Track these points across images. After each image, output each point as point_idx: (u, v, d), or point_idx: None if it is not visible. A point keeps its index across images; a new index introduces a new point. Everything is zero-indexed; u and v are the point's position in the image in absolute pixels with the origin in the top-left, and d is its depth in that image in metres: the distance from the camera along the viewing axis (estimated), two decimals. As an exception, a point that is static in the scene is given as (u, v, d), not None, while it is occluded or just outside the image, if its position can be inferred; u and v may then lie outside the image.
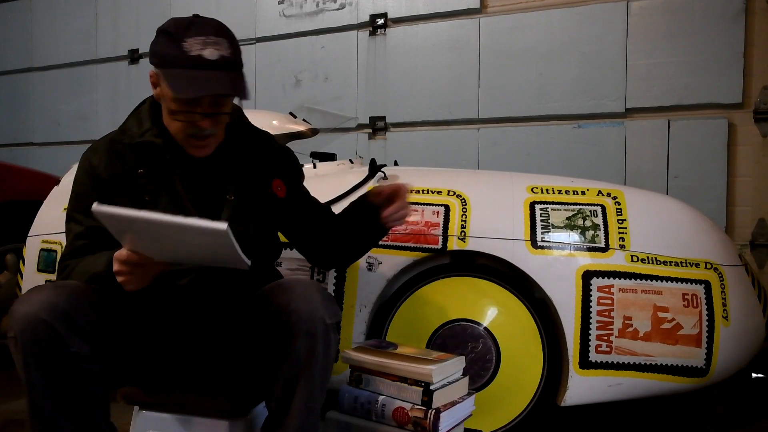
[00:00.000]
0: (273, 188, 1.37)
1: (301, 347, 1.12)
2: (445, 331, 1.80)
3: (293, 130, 2.40)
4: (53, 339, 1.05)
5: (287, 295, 1.15)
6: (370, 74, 3.80)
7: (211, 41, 1.18)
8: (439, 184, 1.89)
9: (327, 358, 1.16)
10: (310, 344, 1.13)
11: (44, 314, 1.05)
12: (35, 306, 1.06)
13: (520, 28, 3.41)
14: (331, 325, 1.16)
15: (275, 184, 1.37)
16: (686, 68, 3.06)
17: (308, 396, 1.15)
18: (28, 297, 1.09)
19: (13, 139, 5.19)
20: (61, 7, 4.91)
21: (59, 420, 1.09)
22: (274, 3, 4.07)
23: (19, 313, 1.06)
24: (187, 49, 1.17)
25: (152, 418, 1.36)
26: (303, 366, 1.13)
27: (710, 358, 1.67)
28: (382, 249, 1.80)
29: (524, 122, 3.43)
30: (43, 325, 1.05)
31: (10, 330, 1.07)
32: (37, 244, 2.21)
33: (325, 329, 1.14)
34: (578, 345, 1.68)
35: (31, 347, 1.05)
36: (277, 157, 1.42)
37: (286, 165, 1.44)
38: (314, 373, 1.14)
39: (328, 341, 1.15)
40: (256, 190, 1.34)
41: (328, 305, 1.16)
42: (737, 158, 3.00)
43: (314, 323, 1.13)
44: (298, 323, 1.12)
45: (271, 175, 1.38)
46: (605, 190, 1.83)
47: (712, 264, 1.73)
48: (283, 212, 1.41)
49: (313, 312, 1.13)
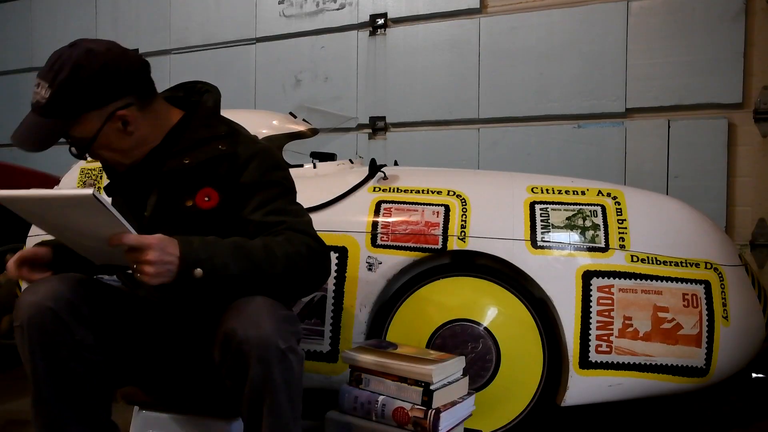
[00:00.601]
0: (197, 199, 1.24)
1: (256, 374, 1.04)
2: (445, 331, 1.80)
3: (293, 130, 2.40)
4: (58, 326, 1.07)
5: (234, 321, 1.06)
6: (370, 74, 3.80)
7: (36, 83, 1.16)
8: (439, 184, 1.89)
9: (289, 380, 1.08)
10: (265, 371, 1.04)
11: (50, 302, 1.07)
12: (41, 295, 1.08)
13: (520, 28, 3.41)
14: (287, 349, 1.06)
15: (203, 193, 1.24)
16: (686, 68, 3.06)
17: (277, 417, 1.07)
18: (34, 287, 1.11)
19: (13, 139, 5.19)
20: (61, 7, 4.91)
21: (62, 410, 1.10)
22: (274, 3, 4.07)
23: (26, 302, 1.08)
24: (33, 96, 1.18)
25: (152, 418, 1.37)
26: (263, 391, 1.06)
27: (710, 358, 1.67)
28: (382, 249, 1.80)
29: (524, 122, 3.43)
30: (49, 312, 1.07)
31: (17, 319, 1.09)
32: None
33: (280, 354, 1.05)
34: (578, 345, 1.68)
35: (36, 335, 1.07)
36: (218, 163, 1.25)
37: (229, 172, 1.25)
38: (278, 398, 1.06)
39: (287, 364, 1.06)
40: (175, 201, 1.25)
41: (279, 328, 1.06)
42: (737, 158, 3.00)
43: (267, 350, 1.04)
44: (249, 351, 1.04)
45: (201, 183, 1.25)
46: (605, 190, 1.83)
47: (712, 264, 1.73)
48: (211, 223, 1.24)
49: (264, 338, 1.04)
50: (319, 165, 2.17)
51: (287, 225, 1.21)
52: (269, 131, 2.23)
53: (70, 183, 2.26)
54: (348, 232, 1.83)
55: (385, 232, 1.81)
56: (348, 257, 1.82)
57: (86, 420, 1.13)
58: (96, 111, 1.17)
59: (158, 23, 4.38)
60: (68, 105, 1.14)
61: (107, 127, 1.18)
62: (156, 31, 4.38)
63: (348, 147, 3.80)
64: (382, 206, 1.85)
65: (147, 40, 4.47)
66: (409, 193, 1.87)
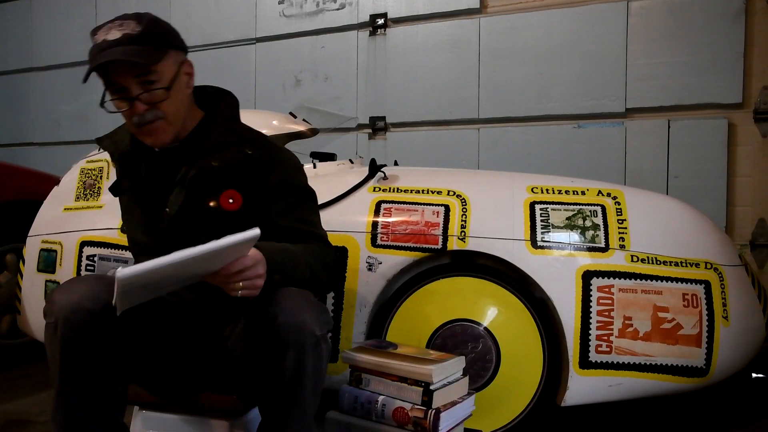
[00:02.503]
0: (221, 200, 1.28)
1: (290, 360, 1.10)
2: (445, 331, 1.80)
3: (293, 130, 2.40)
4: (94, 328, 1.07)
5: (275, 307, 1.13)
6: (370, 74, 3.80)
7: (116, 24, 1.18)
8: (439, 184, 1.89)
9: (318, 369, 1.14)
10: (300, 357, 1.10)
11: (88, 303, 1.07)
12: (77, 295, 1.08)
13: (520, 28, 3.41)
14: (321, 336, 1.13)
15: (227, 195, 1.28)
16: (686, 68, 3.05)
17: (301, 406, 1.14)
18: (69, 286, 1.11)
19: (13, 139, 5.19)
20: (61, 7, 4.91)
21: (80, 411, 1.10)
22: (274, 3, 4.07)
23: (62, 300, 1.08)
24: (95, 40, 1.18)
25: (152, 418, 1.37)
26: (294, 378, 1.11)
27: (710, 358, 1.67)
28: (382, 249, 1.80)
29: (524, 122, 3.43)
30: (87, 313, 1.07)
31: (50, 316, 1.08)
32: (37, 244, 2.21)
33: (315, 341, 1.12)
34: (578, 345, 1.68)
35: (70, 334, 1.07)
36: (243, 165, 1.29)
37: (254, 174, 1.29)
38: (305, 384, 1.12)
39: (319, 352, 1.13)
40: (199, 201, 1.27)
41: (317, 316, 1.14)
42: (737, 158, 3.00)
43: (303, 336, 1.10)
44: (286, 337, 1.10)
45: (225, 184, 1.28)
46: (605, 190, 1.83)
47: (712, 264, 1.73)
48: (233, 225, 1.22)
49: (302, 325, 1.11)
50: (319, 165, 2.17)
51: (316, 235, 1.33)
52: (269, 131, 2.23)
53: (70, 183, 2.26)
54: (348, 232, 1.83)
55: (385, 232, 1.81)
56: (348, 257, 1.82)
57: (102, 421, 1.13)
58: (175, 51, 1.24)
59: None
60: (158, 36, 1.21)
61: (180, 74, 1.24)
62: (156, 31, 4.38)
63: (348, 147, 3.80)
64: (382, 206, 1.85)
65: (147, 40, 4.47)
66: (409, 193, 1.87)
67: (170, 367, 1.29)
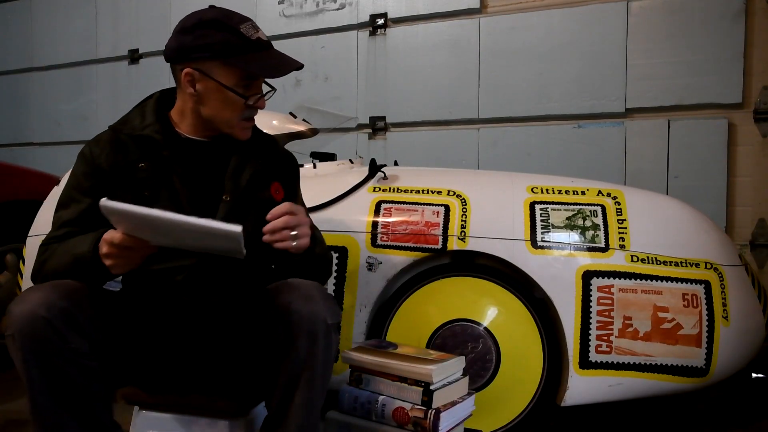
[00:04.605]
0: (272, 191, 1.37)
1: (302, 347, 1.13)
2: (445, 331, 1.80)
3: (293, 130, 2.40)
4: (52, 335, 1.06)
5: (289, 295, 1.16)
6: (370, 74, 3.80)
7: (254, 25, 1.28)
8: (439, 184, 1.89)
9: (328, 358, 1.17)
10: (311, 345, 1.13)
11: (42, 311, 1.05)
12: (32, 303, 1.07)
13: (520, 28, 3.41)
14: (332, 326, 1.16)
15: (274, 187, 1.38)
16: (686, 68, 3.06)
17: (309, 396, 1.16)
18: (25, 296, 1.09)
19: (13, 139, 5.19)
20: (61, 7, 4.91)
21: (61, 417, 1.09)
22: (274, 3, 4.07)
23: (17, 311, 1.07)
24: (248, 34, 1.24)
25: (152, 418, 1.36)
26: (304, 366, 1.14)
27: (710, 358, 1.67)
28: (382, 249, 1.80)
29: (524, 122, 3.43)
30: (42, 321, 1.05)
31: (8, 328, 1.07)
32: (37, 244, 2.20)
33: (327, 330, 1.15)
34: (578, 345, 1.68)
35: (29, 344, 1.06)
36: (280, 161, 1.43)
37: (287, 170, 1.45)
38: (315, 373, 1.15)
39: (329, 341, 1.16)
40: (254, 191, 1.34)
41: (329, 306, 1.18)
42: (737, 158, 3.00)
43: (316, 324, 1.13)
44: (299, 323, 1.13)
45: (271, 177, 1.38)
46: (605, 190, 1.83)
47: (712, 264, 1.73)
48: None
49: (315, 312, 1.14)
50: (319, 165, 2.17)
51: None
52: (269, 131, 2.22)
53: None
54: (348, 232, 1.83)
55: (385, 232, 1.81)
56: (348, 257, 1.82)
57: (87, 423, 1.12)
58: None
59: (158, 23, 4.36)
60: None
61: None
62: (156, 31, 4.37)
63: (348, 147, 3.80)
64: (382, 206, 1.85)
65: (147, 40, 4.48)
66: (409, 193, 1.87)
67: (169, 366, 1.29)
